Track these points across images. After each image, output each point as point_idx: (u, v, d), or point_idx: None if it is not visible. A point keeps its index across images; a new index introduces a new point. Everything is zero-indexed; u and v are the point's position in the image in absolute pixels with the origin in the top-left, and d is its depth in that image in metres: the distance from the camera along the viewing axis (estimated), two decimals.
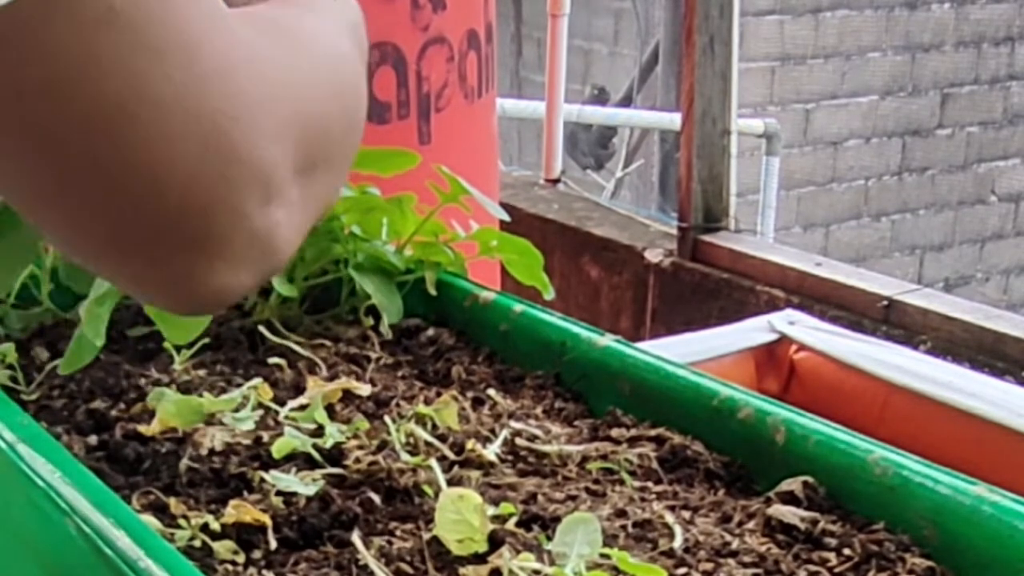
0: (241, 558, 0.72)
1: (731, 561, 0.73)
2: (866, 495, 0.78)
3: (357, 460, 0.81)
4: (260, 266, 0.53)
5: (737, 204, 2.62)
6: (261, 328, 1.04)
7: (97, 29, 0.45)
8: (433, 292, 1.08)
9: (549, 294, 1.09)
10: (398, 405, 0.91)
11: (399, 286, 1.09)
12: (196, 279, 0.51)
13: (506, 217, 1.15)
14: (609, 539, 0.73)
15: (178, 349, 0.99)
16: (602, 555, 0.69)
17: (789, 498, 0.79)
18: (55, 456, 0.76)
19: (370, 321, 1.07)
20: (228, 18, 0.50)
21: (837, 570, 0.73)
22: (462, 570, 0.69)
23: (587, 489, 0.81)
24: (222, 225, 0.49)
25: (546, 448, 0.86)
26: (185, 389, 0.92)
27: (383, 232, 1.09)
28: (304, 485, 0.77)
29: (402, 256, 1.09)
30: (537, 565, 0.67)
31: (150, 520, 0.74)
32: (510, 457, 0.86)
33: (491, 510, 0.72)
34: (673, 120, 3.70)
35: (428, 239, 1.10)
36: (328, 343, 1.02)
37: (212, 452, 0.83)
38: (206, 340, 0.99)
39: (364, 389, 0.92)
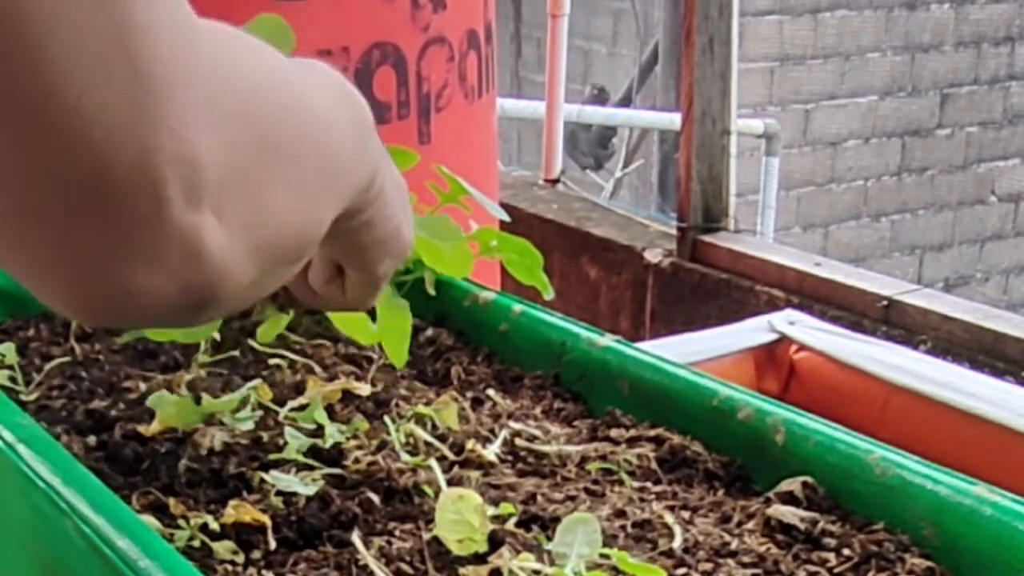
0: (241, 558, 0.72)
1: (731, 561, 0.73)
2: (866, 495, 0.78)
3: (357, 460, 0.81)
4: (184, 274, 0.46)
5: (737, 204, 2.62)
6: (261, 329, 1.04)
7: None
8: (432, 292, 1.08)
9: (549, 294, 1.09)
10: (398, 405, 0.91)
11: (399, 286, 1.09)
12: (109, 273, 0.45)
13: (506, 217, 1.15)
14: (609, 539, 0.73)
15: (187, 352, 0.99)
16: (602, 555, 0.69)
17: (789, 498, 0.79)
18: (55, 456, 0.76)
19: None
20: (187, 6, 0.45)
21: (837, 570, 0.73)
22: (462, 570, 0.69)
23: (586, 489, 0.81)
24: (142, 207, 0.43)
25: (546, 448, 0.86)
26: (186, 389, 0.92)
27: None
28: (304, 485, 0.77)
29: None
30: (537, 565, 0.67)
31: (150, 520, 0.74)
32: (510, 457, 0.86)
33: (491, 510, 0.72)
34: (673, 120, 3.70)
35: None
36: (328, 343, 1.02)
37: (212, 452, 0.83)
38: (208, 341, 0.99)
39: (364, 389, 0.92)
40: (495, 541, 0.69)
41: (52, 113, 0.41)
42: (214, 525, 0.74)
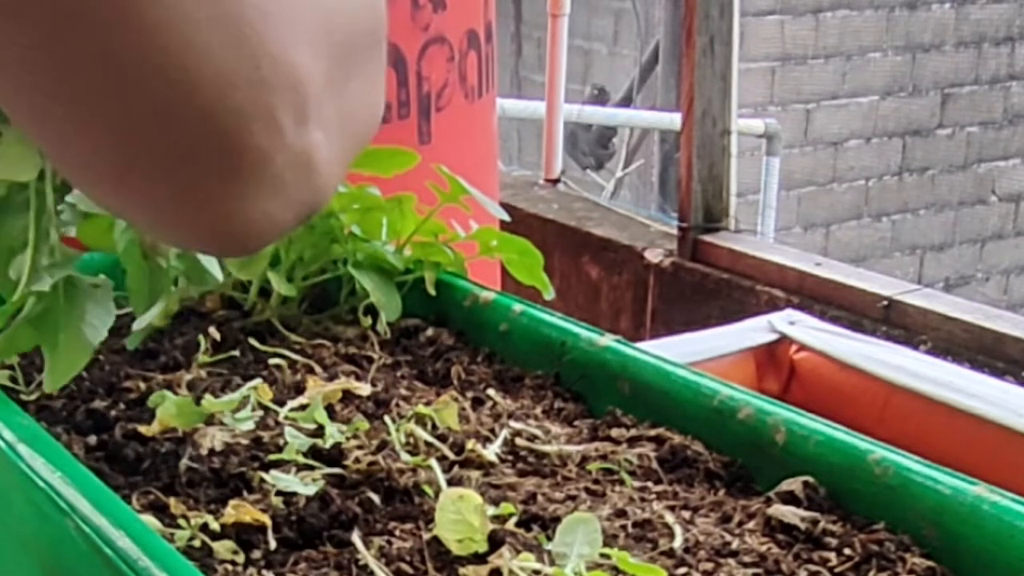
0: (241, 558, 0.72)
1: (731, 561, 0.73)
2: (866, 495, 0.78)
3: (357, 460, 0.81)
4: (301, 194, 0.48)
5: (737, 204, 2.62)
6: (261, 329, 1.05)
7: None
8: (432, 292, 1.08)
9: (549, 294, 1.09)
10: (398, 405, 0.91)
11: (399, 286, 1.09)
12: (231, 205, 0.46)
13: (506, 217, 1.15)
14: (609, 539, 0.73)
15: (188, 352, 0.99)
16: (602, 555, 0.69)
17: (789, 498, 0.79)
18: (55, 456, 0.76)
19: (369, 321, 1.07)
20: None
21: (837, 570, 0.73)
22: (462, 570, 0.69)
23: (587, 489, 0.81)
24: (257, 138, 0.44)
25: (546, 448, 0.86)
26: (186, 389, 0.92)
27: (383, 232, 1.09)
28: (304, 485, 0.77)
29: (401, 256, 1.09)
30: (537, 565, 0.67)
31: (150, 520, 0.74)
32: (510, 457, 0.86)
33: (491, 510, 0.72)
34: (673, 120, 3.70)
35: (428, 239, 1.10)
36: (328, 343, 1.02)
37: (212, 452, 0.83)
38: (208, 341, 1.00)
39: (364, 389, 0.92)
40: (495, 541, 0.69)
41: (164, 57, 0.42)
42: (214, 525, 0.74)
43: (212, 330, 1.02)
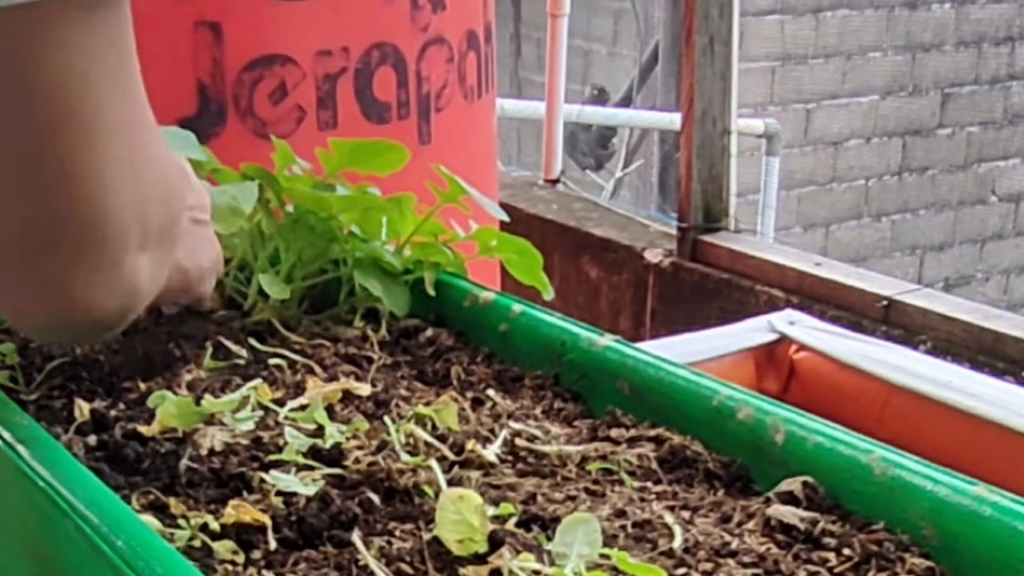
0: (241, 558, 0.72)
1: (731, 561, 0.73)
2: (866, 495, 0.78)
3: (357, 460, 0.81)
4: (125, 299, 0.68)
5: (737, 204, 2.62)
6: (261, 329, 1.05)
7: (91, 62, 0.62)
8: (432, 292, 1.08)
9: (549, 294, 1.09)
10: (398, 405, 0.91)
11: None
12: (76, 288, 0.66)
13: (505, 217, 1.15)
14: (609, 539, 0.73)
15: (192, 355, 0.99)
16: (602, 555, 0.69)
17: (789, 498, 0.79)
18: (55, 456, 0.76)
19: (369, 323, 1.07)
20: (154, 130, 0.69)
21: (837, 570, 0.73)
22: (462, 570, 0.69)
23: (587, 489, 0.81)
24: (114, 245, 0.66)
25: (546, 448, 0.86)
26: (186, 389, 0.92)
27: (382, 232, 1.09)
28: (304, 485, 0.77)
29: (401, 256, 1.09)
30: (537, 565, 0.67)
31: (150, 520, 0.74)
32: (510, 457, 0.86)
33: (491, 510, 0.72)
34: (673, 120, 3.70)
35: (427, 239, 1.10)
36: (328, 343, 1.02)
37: (212, 452, 0.83)
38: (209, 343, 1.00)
39: (364, 389, 0.92)
40: (495, 541, 0.69)
41: (74, 193, 0.64)
42: (214, 525, 0.74)
43: (212, 330, 1.02)
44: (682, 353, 1.37)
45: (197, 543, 0.73)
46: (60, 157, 0.62)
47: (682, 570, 0.71)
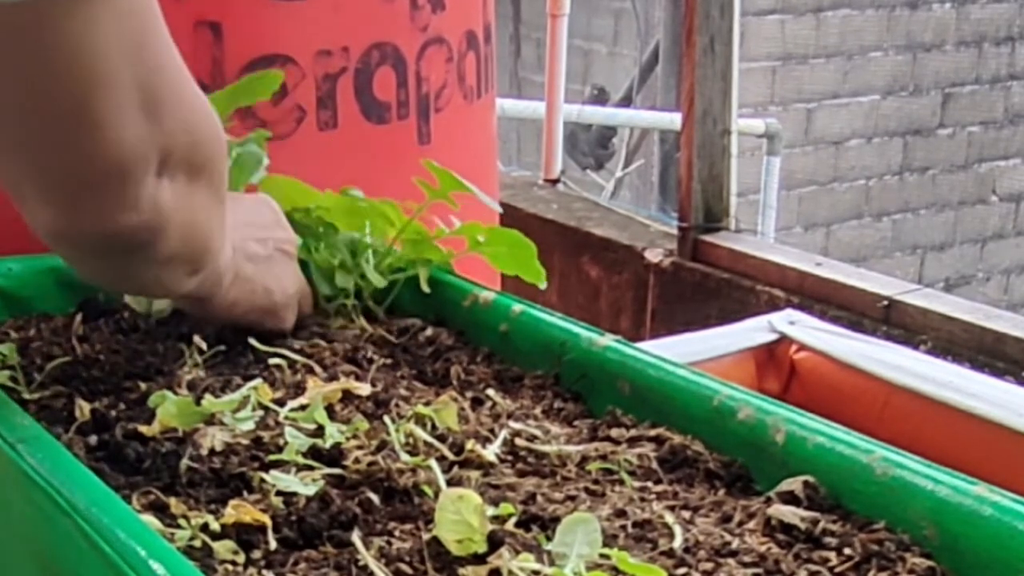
0: (241, 558, 0.72)
1: (731, 561, 0.73)
2: (866, 495, 0.78)
3: (357, 460, 0.81)
4: (149, 216, 0.77)
5: (738, 204, 2.62)
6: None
7: (110, 22, 0.71)
8: (427, 289, 1.08)
9: (542, 283, 1.08)
10: (398, 405, 0.91)
11: (392, 285, 1.09)
12: (104, 214, 0.76)
13: (499, 209, 1.15)
14: (609, 539, 0.73)
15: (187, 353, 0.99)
16: (602, 555, 0.69)
17: (789, 498, 0.79)
18: (56, 456, 0.76)
19: (369, 322, 1.07)
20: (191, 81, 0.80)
21: (837, 570, 0.73)
22: (462, 570, 0.69)
23: (587, 489, 0.81)
24: (138, 174, 0.75)
25: (545, 448, 0.86)
26: (186, 389, 0.92)
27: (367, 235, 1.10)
28: (304, 485, 0.77)
29: (391, 251, 1.09)
30: (537, 565, 0.67)
31: (150, 520, 0.74)
32: (510, 457, 0.86)
33: (491, 510, 0.72)
34: (673, 120, 3.70)
35: (416, 237, 1.09)
36: (327, 343, 1.02)
37: (212, 452, 0.83)
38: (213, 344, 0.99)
39: (364, 389, 0.91)
40: (495, 541, 0.69)
41: (94, 122, 0.73)
42: (214, 525, 0.74)
43: (212, 330, 1.02)
44: (682, 353, 1.37)
45: (197, 543, 0.73)
46: (78, 110, 0.72)
47: (682, 570, 0.71)
